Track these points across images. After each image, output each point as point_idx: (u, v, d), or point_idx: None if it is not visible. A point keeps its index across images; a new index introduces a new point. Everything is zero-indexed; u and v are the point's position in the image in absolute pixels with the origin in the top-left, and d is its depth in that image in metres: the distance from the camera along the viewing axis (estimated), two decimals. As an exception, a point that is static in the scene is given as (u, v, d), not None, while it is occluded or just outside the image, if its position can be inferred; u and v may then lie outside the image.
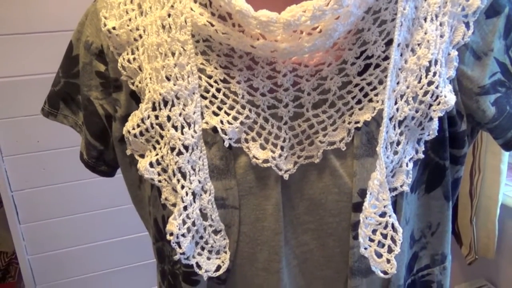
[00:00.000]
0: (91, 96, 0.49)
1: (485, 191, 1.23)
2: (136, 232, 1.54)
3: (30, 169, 1.38)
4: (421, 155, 0.42)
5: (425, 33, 0.40)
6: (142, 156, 0.45)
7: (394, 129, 0.41)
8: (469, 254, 1.32)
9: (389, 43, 0.40)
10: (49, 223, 1.45)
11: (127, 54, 0.44)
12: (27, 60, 1.31)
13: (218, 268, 0.44)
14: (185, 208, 0.41)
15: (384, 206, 0.40)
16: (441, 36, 0.40)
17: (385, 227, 0.41)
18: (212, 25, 0.39)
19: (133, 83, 0.45)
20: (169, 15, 0.41)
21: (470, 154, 1.24)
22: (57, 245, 1.48)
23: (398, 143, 0.41)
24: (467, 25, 0.41)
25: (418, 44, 0.40)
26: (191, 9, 0.40)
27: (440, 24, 0.40)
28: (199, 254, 0.43)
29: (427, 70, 0.40)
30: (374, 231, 0.41)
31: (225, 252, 0.44)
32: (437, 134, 0.42)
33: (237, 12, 0.37)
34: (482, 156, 1.21)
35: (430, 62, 0.40)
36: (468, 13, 0.41)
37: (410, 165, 0.42)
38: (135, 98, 0.46)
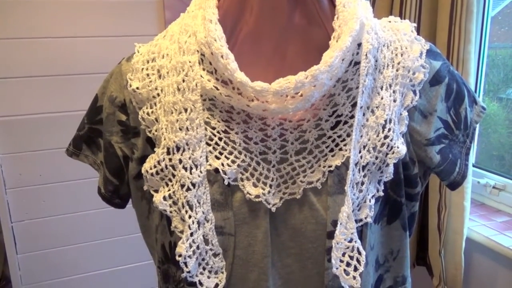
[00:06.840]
0: (112, 140, 0.59)
1: (451, 226, 1.33)
2: (134, 262, 1.58)
3: (31, 201, 1.45)
4: (381, 193, 0.53)
5: (382, 99, 0.52)
6: (156, 191, 0.54)
7: (359, 172, 0.51)
8: (439, 285, 1.41)
9: (355, 105, 0.52)
10: (47, 253, 1.50)
11: (146, 108, 0.54)
12: (33, 100, 1.40)
13: (216, 286, 0.53)
14: (191, 234, 0.50)
15: (351, 234, 0.50)
16: (394, 101, 0.52)
17: (352, 250, 0.50)
18: (217, 89, 0.50)
19: (150, 131, 0.55)
20: (183, 80, 0.52)
21: (437, 191, 1.34)
22: (53, 275, 1.52)
23: (362, 183, 0.51)
24: (414, 92, 0.53)
25: (376, 107, 0.52)
26: (201, 76, 0.51)
27: (393, 92, 0.52)
28: (201, 273, 0.52)
29: (383, 127, 0.51)
30: (343, 254, 0.50)
31: (222, 272, 0.53)
32: (393, 176, 0.52)
33: (238, 83, 0.48)
34: (447, 194, 1.32)
35: (385, 121, 0.51)
36: (414, 83, 0.53)
37: (373, 201, 0.52)
38: (150, 143, 0.56)
